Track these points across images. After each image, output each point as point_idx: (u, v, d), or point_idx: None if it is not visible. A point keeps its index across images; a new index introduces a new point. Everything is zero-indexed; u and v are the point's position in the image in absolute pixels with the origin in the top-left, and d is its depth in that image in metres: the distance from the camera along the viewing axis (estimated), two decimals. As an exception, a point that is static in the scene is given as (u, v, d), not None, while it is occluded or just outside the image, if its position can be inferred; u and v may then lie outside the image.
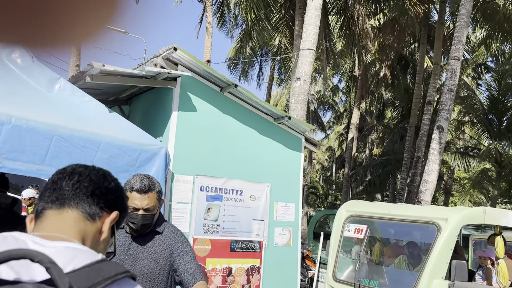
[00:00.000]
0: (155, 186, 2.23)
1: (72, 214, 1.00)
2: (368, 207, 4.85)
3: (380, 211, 4.54)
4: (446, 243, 3.89)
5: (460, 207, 4.50)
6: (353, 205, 4.94)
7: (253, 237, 4.91)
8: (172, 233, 2.26)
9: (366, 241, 4.73)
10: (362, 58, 16.16)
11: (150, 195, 2.19)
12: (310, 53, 7.28)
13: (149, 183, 2.21)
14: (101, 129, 3.90)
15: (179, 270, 2.19)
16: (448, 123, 8.73)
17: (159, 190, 2.26)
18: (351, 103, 26.56)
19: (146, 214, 2.18)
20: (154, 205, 2.20)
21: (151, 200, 2.19)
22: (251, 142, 5.06)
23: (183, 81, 4.58)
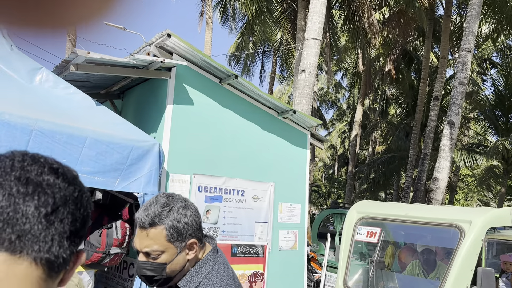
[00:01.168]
0: (161, 217, 1.39)
1: (31, 270, 0.59)
2: (381, 208, 4.45)
3: (395, 212, 4.15)
4: (471, 249, 3.51)
5: (485, 208, 4.10)
6: (365, 206, 4.54)
7: (256, 241, 4.53)
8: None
9: (380, 245, 4.36)
10: (367, 52, 15.73)
11: (151, 232, 1.39)
12: (316, 43, 6.87)
13: (156, 212, 1.39)
14: (87, 123, 3.52)
15: None
16: (460, 118, 8.34)
17: (170, 227, 1.39)
18: (354, 99, 26.15)
19: (146, 262, 1.42)
20: (158, 248, 1.40)
21: (152, 240, 1.39)
22: (253, 138, 4.67)
23: (178, 72, 4.19)
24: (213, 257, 1.48)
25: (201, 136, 4.29)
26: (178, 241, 1.40)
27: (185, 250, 1.41)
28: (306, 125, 5.05)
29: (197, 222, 1.45)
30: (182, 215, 1.41)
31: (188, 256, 1.42)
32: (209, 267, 1.44)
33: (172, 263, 1.40)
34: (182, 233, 1.40)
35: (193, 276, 1.42)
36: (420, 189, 13.20)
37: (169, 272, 1.41)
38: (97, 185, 3.49)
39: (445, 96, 18.67)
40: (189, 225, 1.41)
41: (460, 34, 15.25)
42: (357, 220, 4.34)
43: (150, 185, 3.72)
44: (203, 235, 1.50)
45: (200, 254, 1.47)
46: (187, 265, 1.44)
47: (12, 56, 3.60)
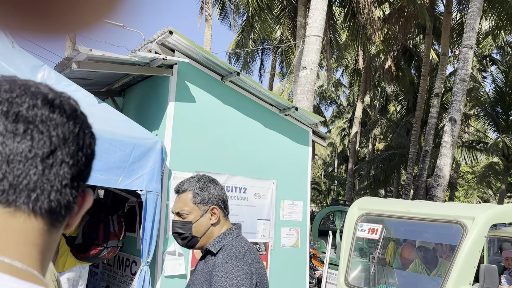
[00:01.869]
0: (190, 185, 1.72)
1: (31, 222, 0.51)
2: (383, 204, 4.42)
3: (397, 209, 4.13)
4: (474, 245, 3.49)
5: (488, 204, 4.08)
6: (366, 202, 4.51)
7: (258, 238, 4.52)
8: (221, 260, 1.59)
9: (382, 242, 4.33)
10: (367, 49, 15.70)
11: (182, 196, 1.72)
12: (317, 40, 6.84)
13: (186, 181, 1.74)
14: (89, 120, 3.50)
15: None
16: (461, 115, 8.32)
17: (196, 192, 1.70)
18: (354, 97, 26.13)
19: (177, 221, 1.71)
20: (186, 209, 1.69)
21: (182, 202, 1.70)
22: (255, 135, 4.66)
23: (180, 69, 4.18)
24: (237, 230, 1.73)
25: (203, 133, 4.28)
26: (201, 204, 1.68)
27: (208, 214, 1.69)
28: (308, 122, 5.04)
29: (221, 195, 1.73)
30: (206, 185, 1.72)
31: (211, 221, 1.69)
32: (233, 236, 1.69)
33: (197, 223, 1.68)
34: (205, 198, 1.69)
35: (219, 240, 1.67)
36: (421, 186, 13.20)
37: (195, 232, 1.68)
38: (100, 182, 3.48)
39: (446, 93, 18.66)
40: (212, 194, 1.70)
41: (461, 31, 15.22)
42: (358, 216, 4.32)
43: (153, 183, 3.71)
44: (227, 209, 1.76)
45: (225, 226, 1.72)
46: (211, 229, 1.70)
47: (13, 54, 3.58)
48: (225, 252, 1.61)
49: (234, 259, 1.55)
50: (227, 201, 1.78)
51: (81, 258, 3.82)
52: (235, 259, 1.56)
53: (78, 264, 3.84)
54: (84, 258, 3.83)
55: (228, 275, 1.52)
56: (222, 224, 1.72)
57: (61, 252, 3.79)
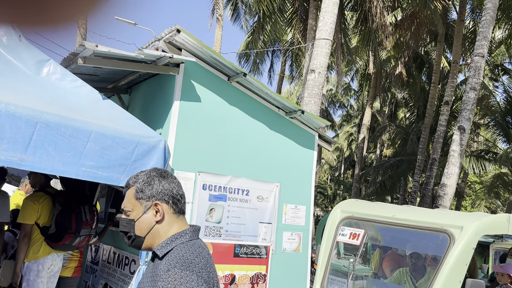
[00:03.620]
0: (134, 180, 1.60)
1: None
2: (368, 208, 4.16)
3: (382, 213, 3.88)
4: (460, 257, 3.24)
5: (479, 213, 3.81)
6: (350, 205, 4.28)
7: (260, 242, 4.47)
8: (164, 267, 1.44)
9: (362, 248, 4.14)
10: (377, 54, 15.59)
11: (127, 192, 1.61)
12: (326, 43, 6.78)
13: (133, 176, 1.62)
14: (92, 117, 3.48)
15: None
16: (470, 124, 8.21)
17: (138, 187, 1.57)
18: (363, 102, 25.98)
19: (123, 219, 1.58)
20: (128, 205, 1.57)
21: (126, 198, 1.59)
22: (260, 137, 4.61)
23: (186, 68, 4.15)
24: (191, 234, 1.55)
25: (208, 133, 4.24)
26: (143, 200, 1.54)
27: (151, 210, 1.53)
28: (314, 126, 4.99)
29: (169, 190, 1.56)
30: (151, 179, 1.56)
31: (155, 218, 1.53)
32: (185, 239, 1.52)
33: (139, 221, 1.53)
34: (147, 193, 1.54)
35: (168, 243, 1.51)
36: (427, 194, 13.06)
37: (138, 230, 1.54)
38: (102, 180, 3.46)
39: (456, 101, 18.47)
40: (156, 189, 1.55)
41: (473, 39, 15.06)
42: (340, 219, 4.10)
43: (154, 182, 3.68)
44: (178, 207, 1.58)
45: (176, 226, 1.55)
46: (156, 228, 1.53)
47: (20, 47, 3.57)
48: (170, 258, 1.45)
49: (178, 267, 1.39)
50: (181, 197, 1.60)
51: (55, 247, 3.94)
52: (179, 267, 1.39)
53: (53, 252, 3.96)
54: (58, 247, 3.95)
55: (170, 285, 1.36)
56: (171, 223, 1.55)
57: (34, 240, 3.89)
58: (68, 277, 4.40)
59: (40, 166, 3.11)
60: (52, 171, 3.16)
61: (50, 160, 3.15)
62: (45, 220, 3.95)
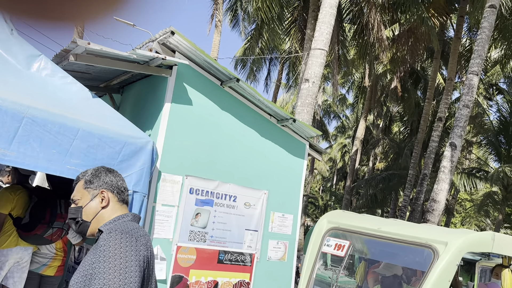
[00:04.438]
0: (83, 174, 1.89)
1: None
2: (355, 220, 4.15)
3: (367, 226, 3.87)
4: (444, 273, 3.23)
5: (464, 230, 3.81)
6: (337, 216, 4.27)
7: (245, 249, 4.43)
8: (106, 232, 1.59)
9: (349, 261, 4.12)
10: (373, 68, 15.68)
11: (77, 185, 1.88)
12: (322, 53, 6.79)
13: (82, 172, 1.92)
14: (81, 115, 3.45)
15: None
16: (462, 141, 8.24)
17: (86, 179, 1.84)
18: (358, 114, 26.08)
19: (72, 207, 1.84)
20: (78, 195, 1.83)
21: (76, 190, 1.86)
22: (250, 143, 4.59)
23: (179, 71, 4.13)
24: (132, 217, 1.78)
25: (197, 137, 4.21)
26: (91, 188, 1.79)
27: (98, 198, 1.78)
28: (305, 135, 4.97)
29: (115, 182, 1.85)
30: (99, 172, 1.85)
31: (101, 204, 1.77)
32: (127, 219, 1.74)
33: (86, 207, 1.77)
34: (94, 183, 1.81)
35: (110, 222, 1.73)
36: (417, 209, 13.07)
37: (85, 216, 1.76)
38: (86, 178, 3.42)
39: (449, 118, 18.59)
40: (103, 180, 1.82)
41: (469, 57, 15.20)
42: (326, 230, 4.09)
43: (141, 184, 3.64)
44: (122, 196, 1.86)
45: (119, 212, 1.80)
46: (101, 213, 1.76)
47: (11, 41, 3.54)
48: (111, 226, 1.65)
49: (119, 231, 1.56)
50: (124, 189, 1.88)
51: (26, 237, 3.90)
52: (120, 231, 1.57)
53: (20, 245, 3.90)
54: (29, 238, 3.90)
55: (111, 244, 1.51)
56: (115, 209, 1.79)
57: (4, 231, 3.85)
58: (51, 276, 4.34)
59: (23, 162, 3.06)
60: (36, 168, 3.12)
61: (34, 156, 3.10)
62: (19, 212, 3.92)
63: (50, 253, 4.32)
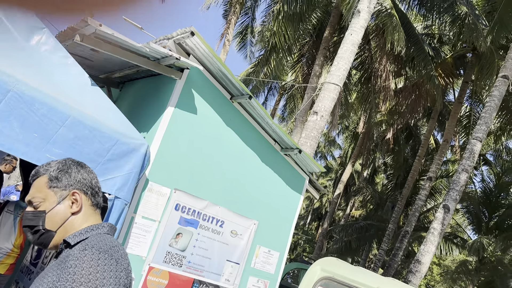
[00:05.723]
0: (46, 168, 1.40)
1: None
2: (351, 272, 3.75)
3: (366, 282, 3.50)
4: None
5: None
6: (332, 264, 3.86)
7: (222, 282, 4.00)
8: (78, 248, 1.23)
9: None
10: (373, 115, 15.67)
11: (36, 181, 1.39)
12: (336, 89, 6.57)
13: (43, 165, 1.42)
14: (74, 101, 3.06)
15: None
16: (455, 205, 8.02)
17: (52, 175, 1.38)
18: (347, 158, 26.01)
19: (28, 211, 1.36)
20: (39, 195, 1.36)
21: (35, 188, 1.38)
22: (249, 167, 4.24)
23: (190, 75, 3.80)
24: (108, 228, 1.39)
25: (194, 150, 3.84)
26: (58, 188, 1.36)
27: (67, 200, 1.37)
28: (307, 169, 4.65)
29: (88, 180, 1.42)
30: (68, 167, 1.39)
31: (71, 209, 1.36)
32: (102, 231, 1.36)
33: (51, 212, 1.34)
34: (63, 182, 1.37)
35: (82, 233, 1.33)
36: (392, 266, 12.73)
37: (49, 224, 1.33)
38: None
39: (436, 179, 18.57)
40: (74, 178, 1.39)
41: (468, 123, 15.31)
42: (319, 279, 3.68)
43: (125, 189, 3.22)
44: (96, 199, 1.44)
45: (92, 219, 1.39)
46: (71, 220, 1.35)
47: (15, 7, 3.17)
48: (85, 242, 1.26)
49: (96, 249, 1.20)
50: (99, 190, 1.46)
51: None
52: (97, 248, 1.21)
53: None
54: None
55: (85, 267, 1.14)
56: (87, 216, 1.39)
57: None
58: (1, 274, 3.84)
59: (-4, 140, 2.64)
60: (10, 150, 2.69)
61: (11, 136, 2.69)
62: None
63: (5, 248, 3.83)
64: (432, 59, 12.55)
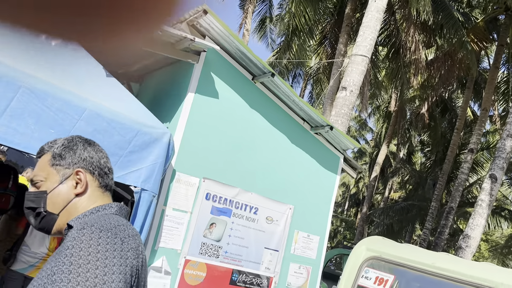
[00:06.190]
0: (51, 145, 1.26)
1: None
2: (400, 249, 3.45)
3: (418, 259, 3.20)
4: None
5: None
6: (378, 243, 3.57)
7: (262, 271, 3.81)
8: (77, 227, 1.07)
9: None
10: (406, 90, 15.06)
11: (40, 160, 1.26)
12: (363, 60, 6.23)
13: (49, 143, 1.27)
14: (90, 93, 2.93)
15: None
16: (503, 174, 7.53)
17: (55, 152, 1.23)
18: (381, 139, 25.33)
19: (30, 192, 1.23)
20: (41, 174, 1.22)
21: (38, 167, 1.25)
22: (279, 150, 4.02)
23: (208, 58, 3.61)
24: (117, 208, 1.23)
25: (220, 135, 3.66)
26: (61, 166, 1.22)
27: (70, 180, 1.22)
28: (340, 147, 4.38)
29: (95, 159, 1.26)
30: (73, 144, 1.25)
31: (75, 190, 1.21)
32: (110, 212, 1.20)
33: (53, 193, 1.20)
34: (67, 160, 1.23)
35: (86, 215, 1.18)
36: (439, 244, 12.22)
37: (50, 205, 1.19)
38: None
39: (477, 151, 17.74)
40: (79, 155, 1.24)
41: (506, 89, 14.49)
42: (365, 259, 3.39)
43: (151, 181, 3.08)
44: (105, 180, 1.26)
45: (100, 202, 1.23)
46: (75, 203, 1.20)
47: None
48: (84, 221, 1.12)
49: (96, 227, 1.04)
50: (109, 171, 1.28)
51: None
52: (97, 226, 1.04)
53: None
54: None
55: (83, 247, 0.98)
56: (93, 198, 1.22)
57: None
58: None
59: (13, 140, 2.54)
60: (26, 148, 2.59)
61: (27, 134, 2.59)
62: None
63: (41, 253, 3.77)
64: (462, 25, 11.87)
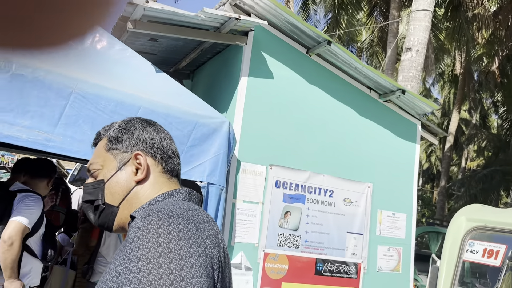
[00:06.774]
0: (107, 129, 1.10)
1: None
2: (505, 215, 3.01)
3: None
4: None
5: None
6: (479, 211, 3.13)
7: (348, 257, 3.50)
8: (141, 215, 0.87)
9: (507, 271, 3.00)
10: (469, 51, 13.86)
11: (97, 146, 1.11)
12: (426, 15, 5.64)
13: (106, 126, 1.12)
14: (142, 91, 2.80)
15: None
16: None
17: (111, 136, 1.07)
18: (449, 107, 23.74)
19: (88, 183, 1.06)
20: (97, 161, 1.05)
21: (95, 153, 1.09)
22: (347, 125, 3.68)
23: (256, 37, 3.36)
24: (187, 194, 1.03)
25: (282, 118, 3.40)
26: (118, 150, 1.06)
27: (130, 166, 1.04)
28: (416, 112, 3.94)
29: (160, 142, 1.08)
30: (131, 126, 1.08)
31: (135, 176, 1.02)
32: (179, 198, 1.01)
33: (111, 181, 1.03)
34: (124, 142, 1.06)
35: (151, 203, 0.99)
36: (535, 209, 11.06)
37: (109, 196, 1.02)
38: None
39: None
40: (137, 137, 1.07)
41: None
42: (467, 231, 2.96)
43: (216, 174, 2.90)
44: (169, 165, 1.07)
45: (166, 188, 1.04)
46: (136, 191, 1.02)
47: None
48: (149, 207, 0.94)
49: (164, 213, 0.85)
50: (173, 154, 1.09)
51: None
52: (165, 213, 0.85)
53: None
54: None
55: (150, 234, 0.80)
56: (158, 184, 1.03)
57: None
58: None
59: (71, 148, 2.46)
60: (86, 156, 2.49)
61: (85, 141, 2.49)
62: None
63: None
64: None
